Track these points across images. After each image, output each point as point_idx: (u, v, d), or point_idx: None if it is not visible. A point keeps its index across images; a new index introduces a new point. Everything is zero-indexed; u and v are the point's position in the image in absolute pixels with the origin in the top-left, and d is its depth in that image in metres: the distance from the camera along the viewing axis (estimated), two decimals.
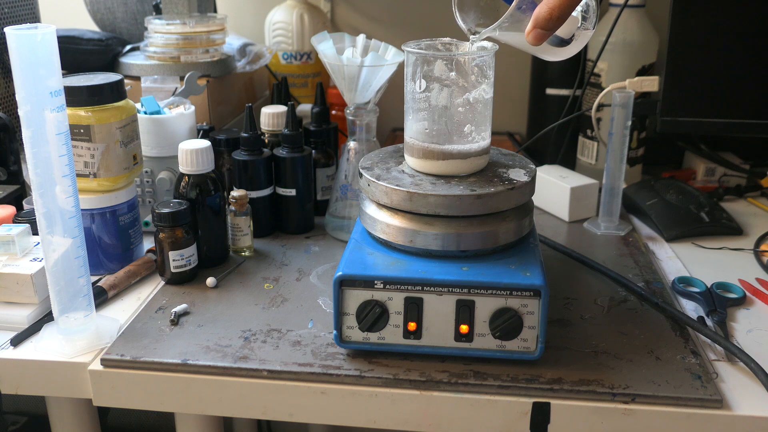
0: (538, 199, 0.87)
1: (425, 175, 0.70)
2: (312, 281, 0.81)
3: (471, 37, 0.67)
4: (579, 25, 0.65)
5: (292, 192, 0.92)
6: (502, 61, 1.22)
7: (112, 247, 0.82)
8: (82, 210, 0.69)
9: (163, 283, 0.81)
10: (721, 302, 0.77)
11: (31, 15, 1.07)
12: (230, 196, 0.86)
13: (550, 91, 1.19)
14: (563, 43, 0.65)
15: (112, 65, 1.09)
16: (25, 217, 0.83)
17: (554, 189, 1.01)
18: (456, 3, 0.67)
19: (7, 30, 0.59)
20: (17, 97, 0.61)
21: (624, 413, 0.62)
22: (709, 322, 0.74)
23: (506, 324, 0.63)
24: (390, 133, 1.34)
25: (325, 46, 0.85)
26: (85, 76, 0.80)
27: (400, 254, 0.68)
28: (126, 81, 0.84)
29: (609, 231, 0.96)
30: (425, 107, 0.69)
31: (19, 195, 0.92)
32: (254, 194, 0.90)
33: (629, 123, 0.92)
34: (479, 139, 0.69)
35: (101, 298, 0.76)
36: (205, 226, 0.83)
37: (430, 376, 0.64)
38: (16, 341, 0.70)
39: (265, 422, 1.35)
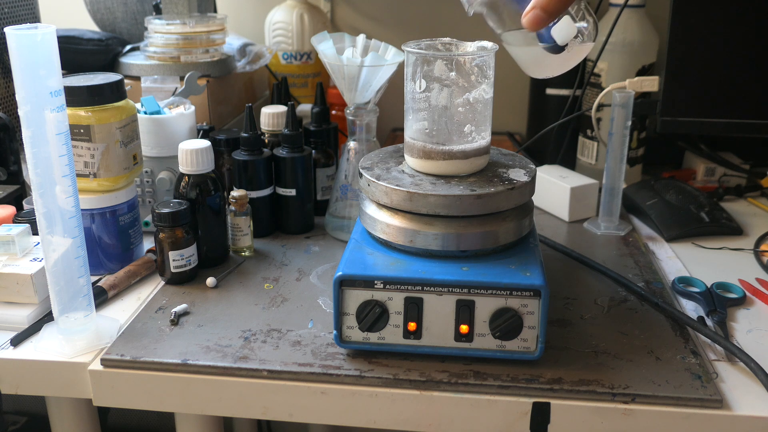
0: (538, 199, 0.87)
1: (425, 175, 0.70)
2: (312, 281, 0.81)
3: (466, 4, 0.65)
4: (575, 34, 0.64)
5: (292, 192, 0.92)
6: (502, 61, 1.22)
7: (112, 247, 0.82)
8: (82, 210, 0.69)
9: (163, 283, 0.81)
10: (721, 302, 0.77)
11: (31, 15, 1.07)
12: (230, 196, 0.86)
13: (550, 91, 1.19)
14: (557, 49, 0.64)
15: (112, 65, 1.09)
16: (25, 217, 0.83)
17: (554, 189, 1.01)
18: None
19: (7, 30, 0.59)
20: (17, 97, 0.61)
21: (624, 413, 0.62)
22: (709, 322, 0.74)
23: (506, 324, 0.63)
24: (390, 133, 1.34)
25: (325, 46, 0.85)
26: (85, 76, 0.80)
27: (400, 254, 0.68)
28: (126, 81, 0.84)
29: (609, 231, 0.96)
30: (425, 107, 0.69)
31: (19, 195, 0.92)
32: (254, 194, 0.90)
33: (629, 123, 0.92)
34: (479, 139, 0.69)
35: (101, 298, 0.76)
36: (205, 226, 0.83)
37: (430, 376, 0.64)
38: (16, 341, 0.70)
39: (265, 422, 1.35)
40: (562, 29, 0.62)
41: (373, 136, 0.92)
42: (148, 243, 0.89)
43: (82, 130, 0.77)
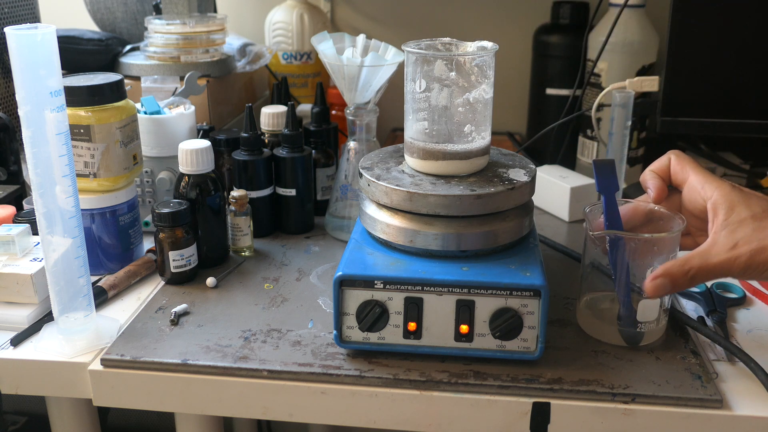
0: (538, 199, 0.87)
1: (425, 175, 0.70)
2: (312, 281, 0.81)
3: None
4: (653, 318, 0.67)
5: (292, 192, 0.92)
6: (502, 61, 1.22)
7: (112, 247, 0.82)
8: (82, 210, 0.69)
9: (163, 283, 0.81)
10: (721, 302, 0.77)
11: (31, 15, 1.07)
12: (230, 196, 0.86)
13: (550, 91, 1.19)
14: (636, 336, 0.68)
15: (112, 65, 1.09)
16: (25, 217, 0.83)
17: (554, 189, 1.01)
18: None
19: (7, 30, 0.59)
20: (17, 97, 0.61)
21: (624, 413, 0.62)
22: (709, 322, 0.74)
23: (506, 324, 0.63)
24: (390, 133, 1.34)
25: (325, 46, 0.85)
26: (85, 76, 0.80)
27: (400, 254, 0.68)
28: (126, 81, 0.84)
29: None
30: (425, 107, 0.69)
31: (19, 195, 0.92)
32: (254, 194, 0.90)
33: (629, 123, 0.92)
34: (479, 139, 0.69)
35: (101, 298, 0.76)
36: (205, 226, 0.83)
37: (430, 376, 0.64)
38: (16, 341, 0.70)
39: (265, 422, 1.35)
40: (650, 307, 0.66)
41: (373, 136, 0.92)
42: (148, 243, 0.89)
43: (82, 130, 0.77)
